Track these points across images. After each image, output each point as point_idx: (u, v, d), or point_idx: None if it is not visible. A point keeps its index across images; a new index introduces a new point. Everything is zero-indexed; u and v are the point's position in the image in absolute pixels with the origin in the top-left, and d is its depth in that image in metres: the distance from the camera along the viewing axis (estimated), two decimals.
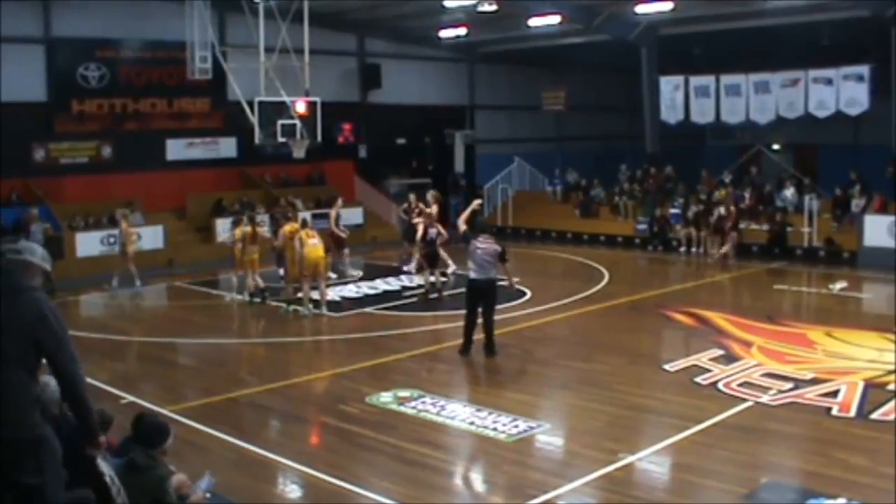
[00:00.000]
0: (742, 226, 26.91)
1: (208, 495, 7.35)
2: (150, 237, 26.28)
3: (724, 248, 25.79)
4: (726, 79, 29.44)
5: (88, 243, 25.19)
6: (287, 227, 19.62)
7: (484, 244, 14.76)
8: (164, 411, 11.45)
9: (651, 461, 10.14)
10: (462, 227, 15.51)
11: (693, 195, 29.21)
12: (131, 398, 12.49)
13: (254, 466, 10.13)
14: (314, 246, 18.65)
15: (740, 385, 12.84)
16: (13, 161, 25.59)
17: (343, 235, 22.93)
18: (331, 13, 29.67)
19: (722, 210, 26.49)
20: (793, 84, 28.00)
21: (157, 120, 28.97)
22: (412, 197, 24.31)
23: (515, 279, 16.76)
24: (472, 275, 14.90)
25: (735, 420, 11.38)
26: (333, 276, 22.22)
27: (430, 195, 22.01)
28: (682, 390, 12.84)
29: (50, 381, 6.36)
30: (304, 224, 19.44)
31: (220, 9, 28.20)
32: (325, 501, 9.25)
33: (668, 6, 27.18)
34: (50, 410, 6.24)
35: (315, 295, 19.06)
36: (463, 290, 16.10)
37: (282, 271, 21.80)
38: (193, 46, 26.30)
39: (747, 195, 28.75)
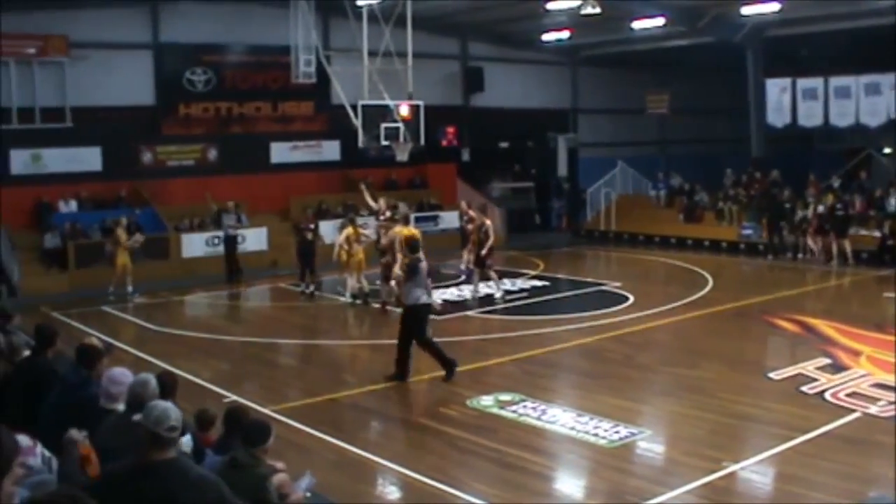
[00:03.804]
0: (851, 231, 26.22)
1: (308, 494, 7.42)
2: (254, 239, 26.78)
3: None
4: (835, 80, 28.78)
5: (193, 244, 25.73)
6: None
7: (425, 263, 14.12)
8: (266, 411, 11.66)
9: (754, 471, 9.96)
10: (398, 273, 15.51)
11: (800, 200, 28.53)
12: (234, 397, 12.69)
13: (353, 467, 10.23)
14: (357, 250, 20.15)
15: (848, 395, 12.54)
16: (121, 163, 26.55)
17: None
18: (434, 16, 29.78)
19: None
20: None
21: (262, 123, 29.46)
22: (463, 204, 23.82)
23: (618, 283, 16.49)
24: (426, 298, 13.98)
25: (842, 431, 11.12)
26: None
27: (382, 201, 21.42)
28: (787, 399, 12.58)
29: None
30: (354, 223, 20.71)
31: (323, 13, 28.55)
32: (422, 503, 9.28)
33: (775, 7, 26.61)
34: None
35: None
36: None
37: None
38: (297, 50, 26.54)
39: (857, 201, 28.04)
